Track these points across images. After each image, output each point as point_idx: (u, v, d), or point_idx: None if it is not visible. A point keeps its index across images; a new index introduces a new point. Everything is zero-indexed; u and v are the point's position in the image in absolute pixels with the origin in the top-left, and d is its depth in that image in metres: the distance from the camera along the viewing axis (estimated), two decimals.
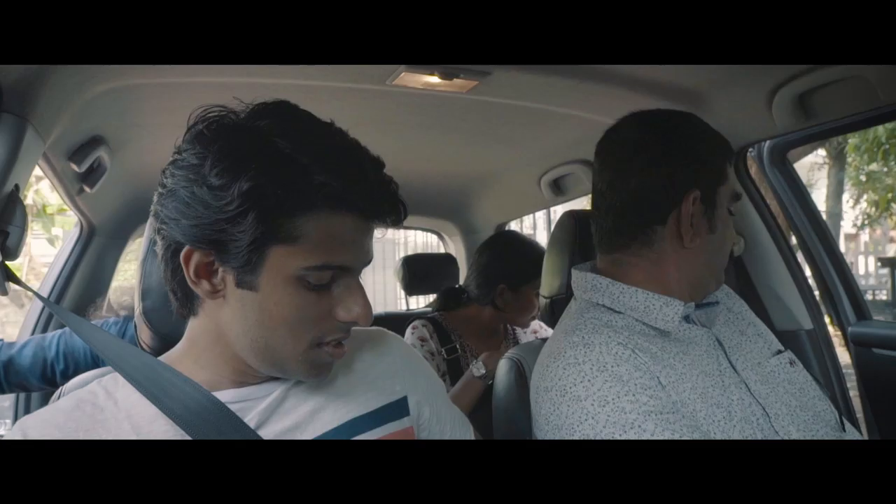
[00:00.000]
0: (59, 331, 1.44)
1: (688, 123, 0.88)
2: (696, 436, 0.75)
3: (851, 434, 0.88)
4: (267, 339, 0.63)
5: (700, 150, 0.85)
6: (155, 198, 0.64)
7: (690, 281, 0.87)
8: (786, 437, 0.81)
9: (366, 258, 0.65)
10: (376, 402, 0.72)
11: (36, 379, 1.37)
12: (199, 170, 0.59)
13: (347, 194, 0.60)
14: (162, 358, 0.70)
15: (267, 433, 0.66)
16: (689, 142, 0.85)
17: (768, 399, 0.84)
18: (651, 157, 0.84)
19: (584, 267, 0.97)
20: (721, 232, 0.86)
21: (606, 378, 0.78)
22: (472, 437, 0.85)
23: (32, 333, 1.82)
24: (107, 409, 0.65)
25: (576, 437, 0.79)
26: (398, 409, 0.73)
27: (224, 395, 0.66)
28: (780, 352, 0.93)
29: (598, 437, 0.77)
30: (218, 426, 0.63)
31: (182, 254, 0.61)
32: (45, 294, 1.92)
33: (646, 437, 0.75)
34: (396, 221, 0.66)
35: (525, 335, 1.89)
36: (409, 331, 1.79)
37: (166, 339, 0.85)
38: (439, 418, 0.79)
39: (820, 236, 1.50)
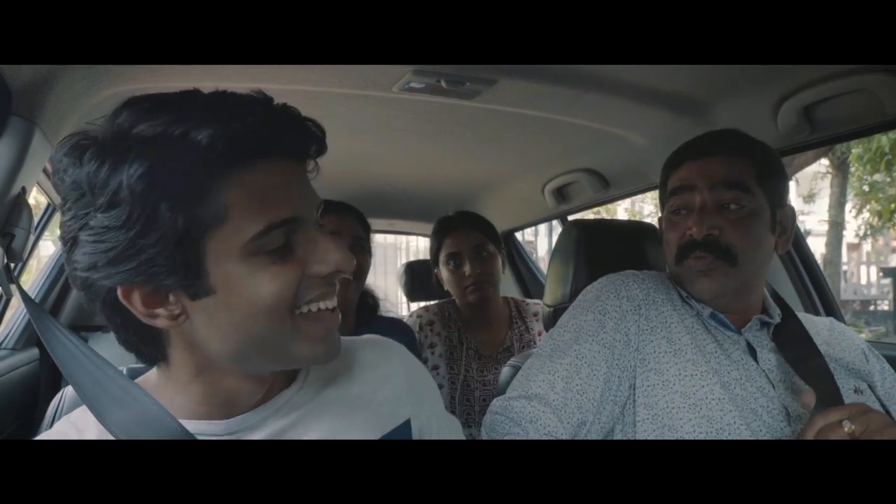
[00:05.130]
0: None
1: None
2: (591, 368, 0.90)
3: None
4: (251, 336, 0.56)
5: (660, 178, 1.05)
6: (65, 264, 0.56)
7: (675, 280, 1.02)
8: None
9: (313, 201, 0.58)
10: (381, 430, 0.67)
11: None
12: (82, 200, 0.52)
13: (241, 140, 0.51)
14: (140, 380, 0.65)
15: None
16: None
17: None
18: None
19: None
20: (664, 238, 1.02)
21: (594, 294, 0.99)
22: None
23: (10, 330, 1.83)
24: None
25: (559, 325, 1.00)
26: (401, 434, 0.69)
27: (213, 427, 0.61)
28: (854, 378, 0.95)
29: (556, 328, 0.99)
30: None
31: (119, 296, 0.54)
32: (42, 296, 1.92)
33: (552, 339, 0.96)
34: (319, 149, 0.58)
35: (536, 322, 1.84)
36: (414, 317, 1.84)
37: None
38: (439, 434, 0.76)
39: (799, 252, 1.49)
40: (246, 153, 0.53)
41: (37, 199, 1.76)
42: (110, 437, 0.60)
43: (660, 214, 1.08)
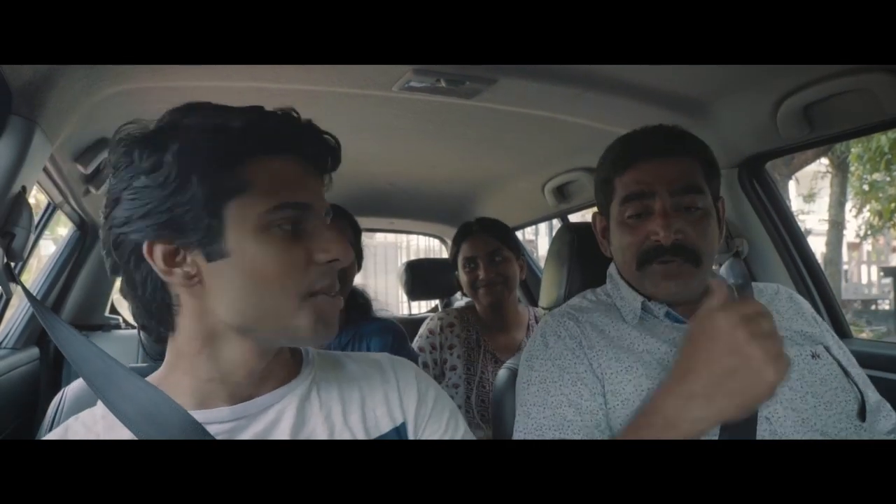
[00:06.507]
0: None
1: (602, 156, 1.04)
2: (565, 409, 0.89)
3: (870, 425, 0.91)
4: (259, 303, 0.62)
5: (597, 176, 1.04)
6: (102, 222, 0.64)
7: (629, 282, 1.01)
8: (769, 417, 0.85)
9: (324, 203, 0.66)
10: (376, 431, 0.70)
11: None
12: (130, 166, 0.61)
13: (275, 135, 0.63)
14: (148, 379, 0.68)
15: None
16: (595, 174, 1.05)
17: None
18: None
19: None
20: (614, 243, 1.01)
21: (540, 342, 0.99)
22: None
23: (10, 329, 1.84)
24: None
25: (518, 381, 0.99)
26: (397, 436, 0.71)
27: (218, 414, 0.64)
28: (810, 344, 0.98)
29: (518, 384, 0.99)
30: (174, 433, 0.61)
31: (144, 250, 0.60)
32: (43, 295, 1.92)
33: (526, 396, 0.94)
34: (335, 163, 0.68)
35: None
36: (436, 319, 1.90)
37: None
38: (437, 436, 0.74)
39: (800, 251, 1.49)
40: (273, 145, 0.62)
41: (37, 198, 1.77)
42: (118, 436, 0.63)
43: (593, 213, 1.07)
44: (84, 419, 0.66)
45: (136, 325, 0.69)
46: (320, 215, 0.66)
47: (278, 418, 0.66)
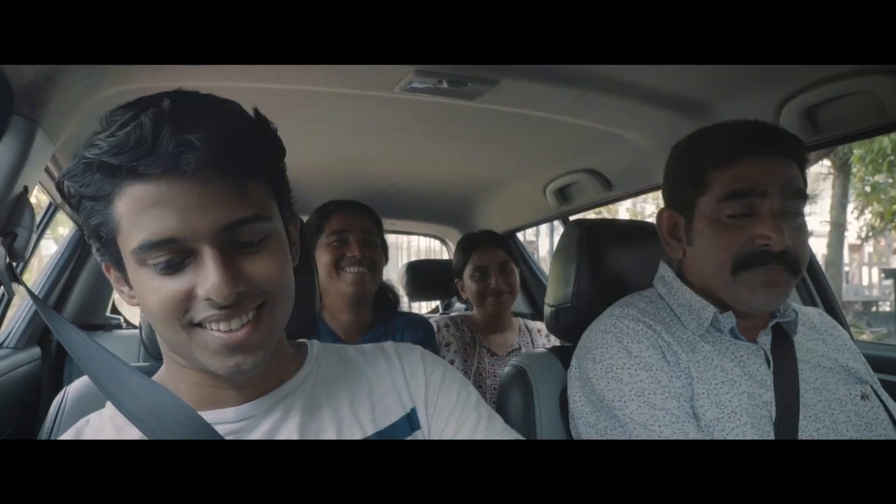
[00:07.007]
0: None
1: (682, 145, 0.96)
2: (684, 424, 0.82)
3: None
4: (161, 333, 0.62)
5: (678, 167, 0.96)
6: None
7: (701, 288, 0.93)
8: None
9: (215, 221, 0.56)
10: (386, 420, 0.70)
11: None
12: None
13: (125, 155, 0.54)
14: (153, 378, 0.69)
15: None
16: (669, 165, 0.98)
17: (816, 417, 0.85)
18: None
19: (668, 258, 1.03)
20: (699, 243, 0.92)
21: (619, 349, 0.89)
22: (504, 432, 0.75)
23: (11, 329, 1.83)
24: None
25: (592, 392, 0.90)
26: (408, 423, 0.71)
27: (224, 415, 0.65)
28: (859, 384, 0.92)
29: (601, 398, 0.88)
30: (182, 430, 0.61)
31: (103, 268, 0.65)
32: (45, 294, 1.92)
33: (627, 412, 0.85)
34: (271, 159, 0.62)
35: (540, 337, 2.02)
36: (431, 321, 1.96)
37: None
38: (457, 422, 0.72)
39: None
40: (133, 169, 0.54)
41: (38, 198, 1.77)
42: (127, 437, 0.63)
43: (660, 207, 1.01)
44: (93, 421, 0.67)
45: (136, 324, 0.71)
46: (206, 240, 0.56)
47: (286, 415, 0.66)
